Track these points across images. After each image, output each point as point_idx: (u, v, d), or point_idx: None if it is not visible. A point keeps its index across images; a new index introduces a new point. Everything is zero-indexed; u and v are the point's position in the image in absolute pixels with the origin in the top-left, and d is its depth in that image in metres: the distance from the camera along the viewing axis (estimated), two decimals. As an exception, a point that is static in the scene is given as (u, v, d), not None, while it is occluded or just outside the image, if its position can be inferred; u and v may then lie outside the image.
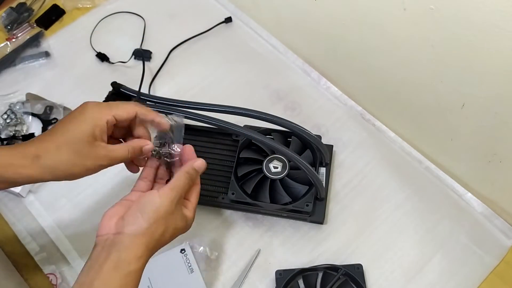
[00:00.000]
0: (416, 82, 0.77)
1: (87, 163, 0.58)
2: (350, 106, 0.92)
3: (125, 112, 0.60)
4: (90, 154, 0.58)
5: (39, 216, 0.84)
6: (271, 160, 0.80)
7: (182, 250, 0.79)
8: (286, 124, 0.76)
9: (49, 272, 0.80)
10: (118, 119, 0.60)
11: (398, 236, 0.80)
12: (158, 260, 0.79)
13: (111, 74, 0.97)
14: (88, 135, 0.57)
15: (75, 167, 0.58)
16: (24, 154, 0.57)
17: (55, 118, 0.90)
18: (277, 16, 0.97)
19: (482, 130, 0.73)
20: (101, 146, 0.59)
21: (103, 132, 0.59)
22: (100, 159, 0.59)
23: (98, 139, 0.58)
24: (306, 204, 0.77)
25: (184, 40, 1.00)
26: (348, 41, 0.84)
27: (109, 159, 0.59)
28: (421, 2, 0.65)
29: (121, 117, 0.60)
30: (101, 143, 0.59)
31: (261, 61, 0.98)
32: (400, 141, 0.88)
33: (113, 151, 0.60)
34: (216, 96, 0.93)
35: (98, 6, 1.06)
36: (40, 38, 1.02)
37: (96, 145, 0.58)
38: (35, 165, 0.56)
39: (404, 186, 0.84)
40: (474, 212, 0.81)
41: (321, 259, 0.78)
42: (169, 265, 0.78)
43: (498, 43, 0.60)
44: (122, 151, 0.60)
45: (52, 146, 0.57)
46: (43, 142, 0.58)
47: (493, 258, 0.77)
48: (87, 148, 0.57)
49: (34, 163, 0.56)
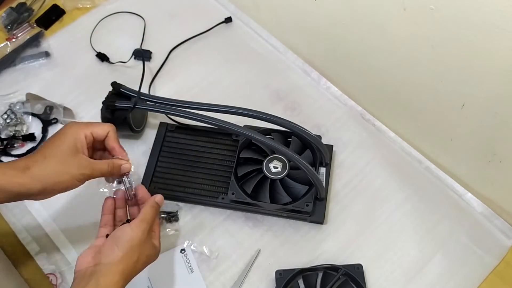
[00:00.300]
0: (416, 82, 0.77)
1: (72, 171, 0.65)
2: (350, 106, 0.92)
3: (100, 129, 0.70)
4: (74, 163, 0.65)
5: (39, 216, 0.84)
6: (271, 160, 0.80)
7: (182, 250, 0.79)
8: (286, 124, 0.76)
9: (49, 272, 0.80)
10: (95, 136, 0.69)
11: (398, 236, 0.80)
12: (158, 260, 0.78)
13: (111, 74, 0.97)
14: (71, 147, 0.66)
15: (62, 175, 0.64)
16: (15, 166, 0.63)
17: (55, 118, 0.90)
18: (277, 16, 0.97)
19: (482, 130, 0.73)
20: (83, 158, 0.67)
21: (83, 145, 0.67)
22: (83, 168, 0.66)
23: (80, 152, 0.67)
24: (306, 204, 0.77)
25: (184, 40, 1.00)
26: (348, 41, 0.84)
27: (92, 169, 0.67)
28: (421, 2, 0.65)
29: (97, 133, 0.69)
30: (83, 155, 0.67)
31: (261, 61, 0.98)
32: (400, 141, 0.88)
33: (95, 163, 0.68)
34: (216, 96, 0.93)
35: (98, 6, 1.06)
36: (40, 38, 1.02)
37: (79, 157, 0.66)
38: (25, 175, 0.62)
39: (404, 186, 0.84)
40: (474, 212, 0.81)
41: (321, 259, 0.78)
42: (169, 265, 0.78)
43: (498, 43, 0.60)
44: (102, 164, 0.69)
45: (40, 158, 0.64)
46: (32, 156, 0.65)
47: (493, 258, 0.77)
48: (71, 158, 0.65)
49: (25, 173, 0.62)
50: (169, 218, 0.82)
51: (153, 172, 0.84)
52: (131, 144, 0.90)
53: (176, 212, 0.82)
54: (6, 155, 0.87)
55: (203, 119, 0.75)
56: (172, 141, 0.87)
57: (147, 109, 0.81)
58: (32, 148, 0.88)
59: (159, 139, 0.87)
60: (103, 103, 0.82)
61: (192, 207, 0.84)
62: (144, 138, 0.90)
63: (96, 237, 0.69)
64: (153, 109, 0.80)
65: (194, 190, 0.83)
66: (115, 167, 0.70)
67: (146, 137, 0.90)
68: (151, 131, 0.90)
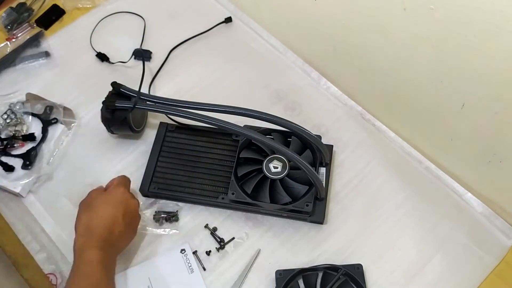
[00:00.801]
0: (416, 82, 0.77)
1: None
2: (350, 106, 0.92)
3: None
4: None
5: (39, 216, 0.84)
6: (271, 160, 0.80)
7: (182, 250, 0.79)
8: (286, 124, 0.76)
9: (49, 272, 0.80)
10: None
11: (398, 236, 0.80)
12: (158, 260, 0.79)
13: (111, 74, 0.97)
14: None
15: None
16: None
17: (55, 118, 0.90)
18: (277, 16, 0.97)
19: (482, 130, 0.73)
20: None
21: None
22: None
23: None
24: (306, 204, 0.77)
25: (184, 40, 1.00)
26: (348, 41, 0.84)
27: None
28: (421, 2, 0.65)
29: None
30: None
31: (261, 61, 0.98)
32: (400, 141, 0.88)
33: None
34: (216, 96, 0.93)
35: (98, 6, 1.06)
36: (40, 38, 1.02)
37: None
38: None
39: (404, 186, 0.84)
40: (474, 212, 0.81)
41: (321, 259, 0.78)
42: (169, 265, 0.78)
43: (498, 43, 0.60)
44: None
45: None
46: None
47: (493, 258, 0.77)
48: None
49: None
50: (169, 218, 0.82)
51: (153, 172, 0.84)
52: (131, 144, 0.90)
53: (176, 212, 0.82)
54: (6, 155, 0.87)
55: (203, 119, 0.75)
56: (172, 141, 0.87)
57: (147, 109, 0.81)
58: (32, 148, 0.87)
59: (159, 139, 0.87)
60: (103, 103, 0.82)
61: (192, 207, 0.84)
62: (144, 138, 0.90)
63: None
64: (153, 109, 0.80)
65: (194, 190, 0.83)
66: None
67: (146, 137, 0.90)
68: (151, 131, 0.90)
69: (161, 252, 0.80)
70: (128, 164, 0.88)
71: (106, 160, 0.88)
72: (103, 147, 0.90)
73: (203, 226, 0.82)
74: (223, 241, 0.80)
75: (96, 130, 0.90)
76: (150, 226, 0.82)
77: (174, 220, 0.82)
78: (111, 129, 0.85)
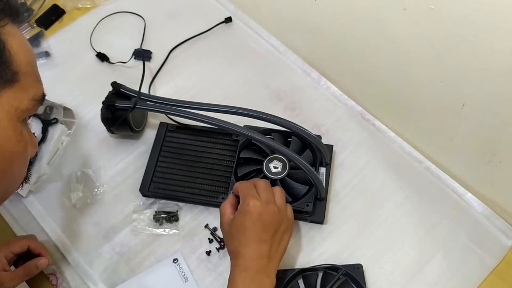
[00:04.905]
0: (416, 82, 0.77)
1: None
2: (350, 106, 0.92)
3: (19, 247, 0.76)
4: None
5: (39, 216, 0.84)
6: (271, 160, 0.80)
7: (175, 260, 0.79)
8: (286, 124, 0.76)
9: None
10: (15, 253, 0.76)
11: (398, 236, 0.80)
12: (150, 272, 0.78)
13: (111, 74, 0.97)
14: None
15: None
16: None
17: (55, 118, 0.90)
18: (277, 16, 0.97)
19: (482, 130, 0.73)
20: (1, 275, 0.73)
21: (5, 264, 0.74)
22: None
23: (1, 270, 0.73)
24: (306, 204, 0.77)
25: (184, 40, 1.00)
26: (348, 41, 0.84)
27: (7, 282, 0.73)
28: (421, 2, 0.65)
29: (16, 251, 0.76)
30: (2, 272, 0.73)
31: (261, 61, 0.98)
32: (400, 141, 0.88)
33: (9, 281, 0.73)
34: (216, 96, 0.93)
35: (98, 6, 1.06)
36: (40, 38, 1.02)
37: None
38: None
39: (404, 186, 0.84)
40: (474, 212, 0.81)
41: (321, 259, 0.78)
42: (162, 276, 0.77)
43: (498, 43, 0.60)
44: (19, 272, 0.75)
45: None
46: None
47: (493, 258, 0.77)
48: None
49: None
50: (169, 218, 0.82)
51: (153, 172, 0.84)
52: (131, 144, 0.90)
53: (176, 212, 0.82)
54: (6, 155, 0.87)
55: (203, 119, 0.75)
56: (172, 141, 0.87)
57: (147, 109, 0.81)
58: (32, 148, 0.87)
59: (159, 139, 0.87)
60: (103, 103, 0.82)
61: (192, 207, 0.84)
62: (144, 138, 0.90)
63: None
64: (153, 109, 0.80)
65: (194, 190, 0.83)
66: (32, 268, 0.75)
67: (146, 137, 0.90)
68: (151, 131, 0.90)
69: (153, 264, 0.79)
70: (128, 164, 0.88)
71: (106, 160, 0.88)
72: (103, 147, 0.90)
73: (203, 226, 0.82)
74: (223, 241, 0.80)
75: (96, 130, 0.90)
76: (150, 226, 0.82)
77: (174, 220, 0.82)
78: (111, 129, 0.85)
